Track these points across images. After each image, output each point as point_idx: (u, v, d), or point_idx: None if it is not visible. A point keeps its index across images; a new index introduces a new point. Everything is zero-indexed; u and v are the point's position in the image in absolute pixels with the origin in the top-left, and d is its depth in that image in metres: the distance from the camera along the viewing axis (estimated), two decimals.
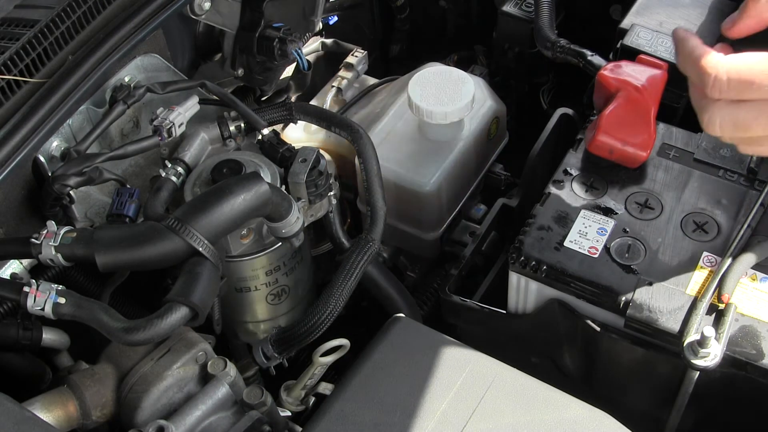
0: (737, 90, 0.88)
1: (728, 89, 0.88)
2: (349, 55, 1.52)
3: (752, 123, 0.89)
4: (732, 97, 0.89)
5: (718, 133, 0.91)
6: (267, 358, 1.11)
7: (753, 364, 1.04)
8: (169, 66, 1.23)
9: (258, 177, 0.98)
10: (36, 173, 1.09)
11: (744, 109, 0.89)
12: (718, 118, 0.90)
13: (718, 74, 0.88)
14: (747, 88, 0.88)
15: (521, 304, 1.22)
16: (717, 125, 0.90)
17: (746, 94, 0.88)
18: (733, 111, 0.89)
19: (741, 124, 0.90)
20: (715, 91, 0.89)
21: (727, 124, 0.90)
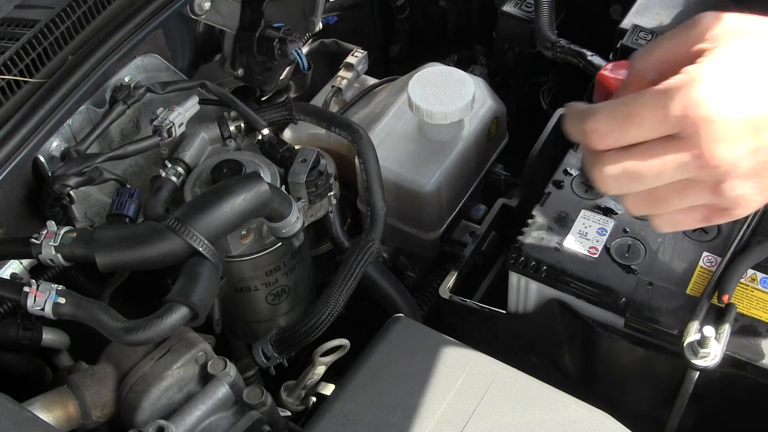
0: (617, 131, 0.79)
1: (607, 132, 0.79)
2: (349, 55, 1.52)
3: (643, 166, 0.79)
4: (615, 140, 0.79)
5: (611, 188, 0.81)
6: (267, 358, 1.11)
7: (753, 364, 1.04)
8: (169, 66, 1.23)
9: (258, 177, 0.98)
10: (36, 173, 1.09)
11: (634, 153, 0.80)
12: (606, 168, 0.80)
13: (593, 117, 0.80)
14: (627, 126, 0.79)
15: (521, 304, 1.22)
16: (607, 178, 0.80)
17: (627, 134, 0.79)
18: (621, 156, 0.80)
19: (631, 171, 0.79)
20: (596, 137, 0.79)
21: (616, 173, 0.80)
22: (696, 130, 0.77)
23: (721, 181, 0.79)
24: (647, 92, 0.80)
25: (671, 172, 0.79)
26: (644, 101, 0.79)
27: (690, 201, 0.83)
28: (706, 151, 0.77)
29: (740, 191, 0.80)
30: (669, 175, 0.79)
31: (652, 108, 0.78)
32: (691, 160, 0.77)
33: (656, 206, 0.84)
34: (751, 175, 0.80)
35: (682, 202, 0.83)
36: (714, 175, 0.79)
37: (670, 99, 0.77)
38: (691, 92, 0.77)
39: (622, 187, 0.81)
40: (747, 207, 0.82)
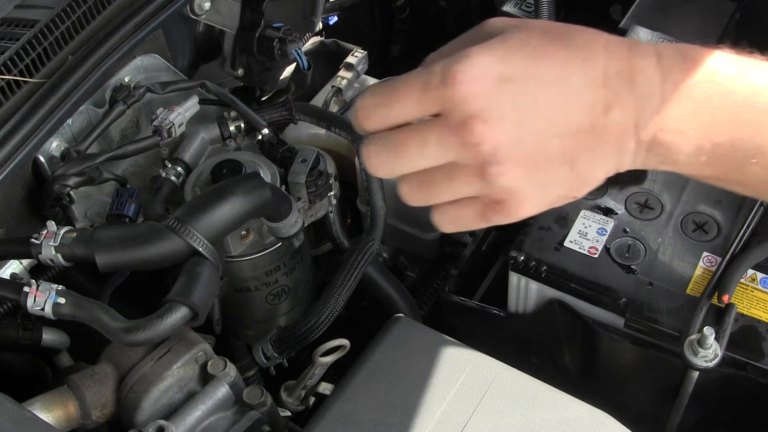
0: (383, 107, 0.77)
1: (374, 110, 0.77)
2: (349, 55, 1.52)
3: (405, 142, 0.77)
4: (382, 119, 0.77)
5: (378, 169, 0.78)
6: (267, 358, 1.11)
7: (753, 364, 1.04)
8: (169, 66, 1.23)
9: (258, 177, 0.98)
10: (36, 173, 1.09)
11: (397, 131, 0.77)
12: (372, 147, 0.77)
13: (361, 97, 0.77)
14: (392, 102, 0.76)
15: (521, 304, 1.22)
16: (373, 157, 0.77)
17: (392, 110, 0.77)
18: (386, 135, 0.77)
19: (394, 147, 0.77)
20: (364, 116, 0.77)
21: (381, 152, 0.77)
22: (455, 104, 0.74)
23: (486, 163, 0.76)
24: (413, 71, 0.78)
25: (434, 148, 0.76)
26: (408, 77, 0.77)
27: (459, 188, 0.79)
28: (466, 126, 0.74)
29: (508, 180, 0.77)
30: (432, 153, 0.77)
31: (414, 82, 0.76)
32: (451, 136, 0.75)
33: (427, 193, 0.81)
34: (519, 164, 0.77)
35: (451, 189, 0.80)
36: (478, 156, 0.76)
37: (430, 73, 0.75)
38: (452, 67, 0.75)
39: (386, 165, 0.78)
40: (521, 204, 0.79)
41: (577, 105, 0.75)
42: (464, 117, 0.74)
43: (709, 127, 0.75)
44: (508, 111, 0.75)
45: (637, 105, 0.75)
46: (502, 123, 0.75)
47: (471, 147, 0.75)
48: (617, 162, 0.77)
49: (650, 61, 0.76)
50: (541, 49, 0.75)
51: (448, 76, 0.75)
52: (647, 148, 0.77)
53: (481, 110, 0.74)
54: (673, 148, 0.76)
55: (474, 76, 0.74)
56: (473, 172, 0.77)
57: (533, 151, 0.76)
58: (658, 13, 1.39)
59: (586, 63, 0.75)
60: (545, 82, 0.75)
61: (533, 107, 0.75)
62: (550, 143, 0.76)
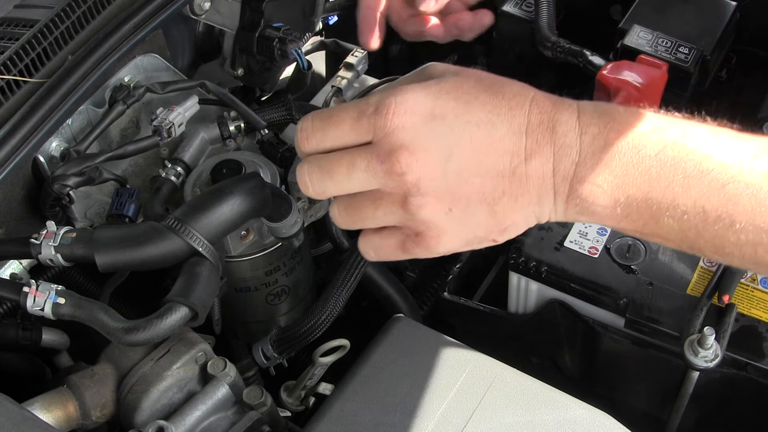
0: (320, 130, 0.82)
1: (312, 132, 0.82)
2: (349, 55, 1.52)
3: (335, 164, 0.81)
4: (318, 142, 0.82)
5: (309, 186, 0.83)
6: (267, 359, 1.11)
7: (753, 365, 1.04)
8: (169, 66, 1.23)
9: (258, 177, 0.98)
10: (36, 173, 1.09)
11: (331, 154, 0.82)
12: (306, 165, 0.82)
13: (303, 119, 0.83)
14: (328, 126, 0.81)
15: (521, 305, 1.22)
16: (305, 174, 0.82)
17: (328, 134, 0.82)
18: (320, 157, 0.82)
19: (325, 168, 0.81)
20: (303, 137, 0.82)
21: (313, 171, 0.82)
22: (385, 133, 0.79)
23: (409, 194, 0.80)
24: (355, 100, 0.86)
25: (361, 173, 0.80)
26: (346, 105, 0.82)
27: (382, 215, 0.83)
28: (393, 154, 0.78)
29: (428, 213, 0.81)
30: (359, 177, 0.81)
31: (351, 110, 0.81)
32: (378, 163, 0.79)
33: (354, 217, 0.85)
34: (440, 198, 0.80)
35: (375, 216, 0.84)
36: (401, 185, 0.80)
37: (366, 103, 0.80)
38: (386, 99, 0.79)
39: (317, 185, 0.82)
40: (439, 239, 0.83)
41: (500, 150, 0.78)
42: (392, 146, 0.79)
43: (623, 180, 0.78)
44: (434, 146, 0.79)
45: (556, 156, 0.79)
46: (428, 157, 0.79)
47: (396, 176, 0.79)
48: (537, 210, 0.81)
49: (571, 115, 0.79)
50: (473, 93, 0.79)
51: (382, 106, 0.79)
52: (565, 199, 0.80)
53: (409, 142, 0.78)
54: (589, 199, 0.79)
55: (406, 109, 0.78)
56: (396, 200, 0.81)
57: (455, 188, 0.80)
58: (658, 13, 1.39)
59: (512, 111, 0.78)
60: (472, 124, 0.78)
61: (459, 146, 0.78)
62: (471, 182, 0.79)
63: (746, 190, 0.76)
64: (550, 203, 0.81)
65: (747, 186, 0.76)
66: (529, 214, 0.82)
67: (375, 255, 0.89)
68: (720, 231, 0.77)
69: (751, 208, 0.76)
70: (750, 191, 0.76)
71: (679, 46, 1.31)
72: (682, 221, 0.78)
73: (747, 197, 0.76)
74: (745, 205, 0.76)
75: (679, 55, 1.30)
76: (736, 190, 0.76)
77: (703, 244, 0.79)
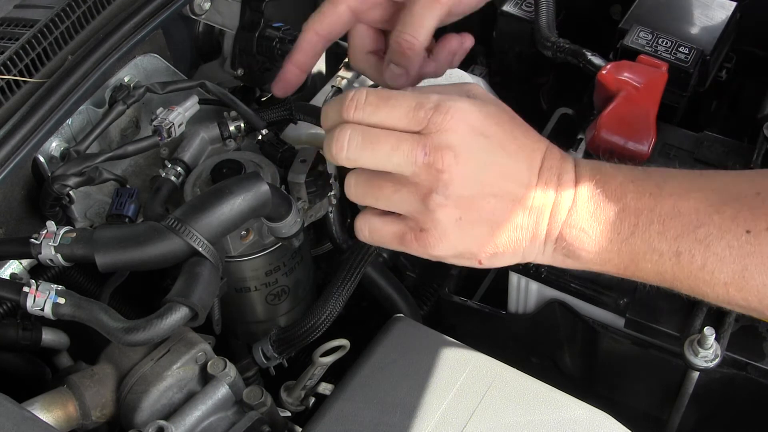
0: (373, 105, 0.85)
1: (365, 104, 0.86)
2: None
3: (380, 140, 0.85)
4: (368, 114, 0.86)
5: (345, 149, 0.86)
6: (267, 359, 1.11)
7: (753, 364, 1.05)
8: (168, 66, 1.23)
9: (258, 177, 0.98)
10: (36, 173, 1.09)
11: (377, 129, 0.86)
12: (349, 130, 0.86)
13: (358, 90, 0.87)
14: (383, 104, 0.85)
15: (521, 305, 1.22)
16: (346, 138, 0.86)
17: (381, 111, 0.86)
18: (365, 128, 0.86)
19: (368, 139, 0.85)
20: (352, 106, 0.86)
21: (354, 138, 0.86)
22: (438, 130, 0.85)
23: (435, 191, 0.86)
24: (413, 91, 0.90)
25: (402, 156, 0.85)
26: (406, 93, 0.88)
27: (399, 200, 0.88)
28: (439, 151, 0.84)
29: (442, 215, 0.87)
30: (398, 159, 0.85)
31: (411, 99, 0.86)
32: (422, 153, 0.84)
33: (369, 192, 0.90)
34: (458, 206, 0.86)
35: (391, 198, 0.89)
36: (434, 181, 0.85)
37: (428, 98, 0.86)
38: (447, 102, 0.85)
39: (354, 151, 0.86)
40: (439, 241, 0.88)
41: (518, 180, 0.87)
42: (441, 144, 0.84)
43: (606, 227, 0.86)
44: (474, 158, 0.85)
45: (556, 200, 0.87)
46: (467, 165, 0.85)
47: (434, 170, 0.85)
48: (527, 246, 0.89)
49: (572, 169, 0.88)
50: (510, 126, 0.88)
51: (443, 106, 0.85)
52: (554, 241, 0.88)
53: (457, 146, 0.84)
54: (576, 243, 0.87)
55: (462, 117, 0.85)
56: (420, 192, 0.87)
57: (473, 201, 0.86)
58: (658, 13, 1.39)
59: (534, 153, 0.88)
60: (505, 151, 0.87)
61: (491, 166, 0.86)
62: (488, 200, 0.87)
63: (716, 233, 0.82)
64: (540, 242, 0.89)
65: (718, 229, 0.82)
66: (518, 250, 0.89)
67: (369, 236, 0.93)
68: (694, 272, 0.84)
69: (721, 250, 0.82)
70: (719, 233, 0.82)
71: (679, 46, 1.31)
72: (659, 264, 0.85)
73: (717, 239, 0.82)
74: (716, 247, 0.82)
75: (679, 55, 1.30)
76: (707, 233, 0.83)
77: (679, 284, 0.87)
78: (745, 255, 0.83)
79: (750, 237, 0.82)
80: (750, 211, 0.83)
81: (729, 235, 0.82)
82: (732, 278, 0.83)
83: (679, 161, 1.22)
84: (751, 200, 0.83)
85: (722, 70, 1.41)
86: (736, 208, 0.83)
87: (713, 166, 1.21)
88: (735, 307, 0.86)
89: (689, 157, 1.23)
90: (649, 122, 1.20)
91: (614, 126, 1.20)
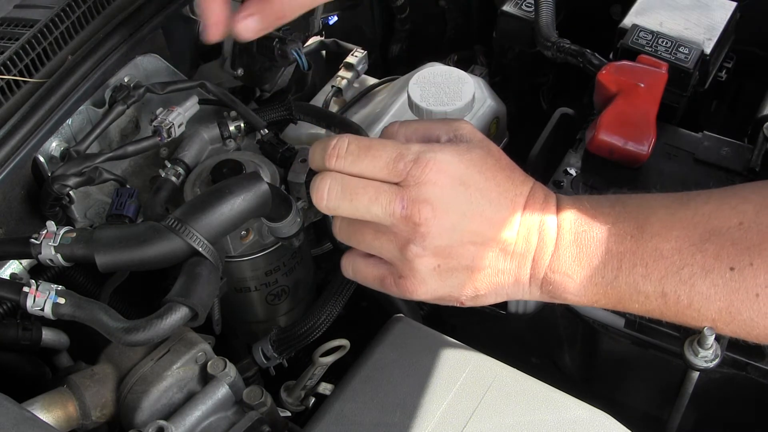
0: (354, 155, 0.87)
1: (346, 153, 0.87)
2: (349, 55, 1.52)
3: (359, 191, 0.87)
4: (348, 164, 0.87)
5: (324, 199, 0.89)
6: (267, 359, 1.11)
7: (753, 365, 1.05)
8: (168, 66, 1.23)
9: (258, 177, 0.98)
10: (36, 173, 1.09)
11: (357, 179, 0.88)
12: (329, 180, 0.88)
13: (341, 138, 0.88)
14: (364, 154, 0.87)
15: (521, 305, 1.22)
16: (326, 188, 0.88)
17: (361, 161, 0.87)
18: (345, 177, 0.88)
19: (348, 189, 0.87)
20: (333, 154, 0.88)
21: (334, 188, 0.88)
22: (416, 182, 0.86)
23: (412, 241, 0.87)
24: (393, 140, 0.92)
25: (380, 208, 0.87)
26: (386, 143, 0.89)
27: (378, 246, 0.91)
28: (417, 204, 0.86)
29: (420, 264, 0.89)
30: (376, 211, 0.87)
31: (391, 150, 0.87)
32: (400, 206, 0.86)
33: (352, 235, 0.93)
34: (436, 255, 0.88)
35: (372, 244, 0.91)
36: (411, 232, 0.87)
37: (408, 149, 0.87)
38: (427, 153, 0.86)
39: (334, 201, 0.89)
40: (418, 287, 0.92)
41: (498, 226, 0.88)
42: (419, 197, 0.86)
43: (590, 272, 0.88)
44: (453, 210, 0.87)
45: (539, 245, 0.88)
46: (445, 217, 0.86)
47: (411, 224, 0.86)
48: (511, 290, 0.91)
49: (554, 212, 0.90)
50: (493, 171, 0.89)
51: (422, 159, 0.86)
52: (539, 284, 0.90)
53: (435, 199, 0.86)
54: (561, 287, 0.89)
55: (441, 168, 0.86)
56: (398, 241, 0.89)
57: (451, 249, 0.88)
58: (658, 13, 1.39)
59: (517, 198, 0.89)
60: (486, 200, 0.88)
61: (471, 216, 0.87)
62: (467, 248, 0.88)
63: (700, 272, 0.83)
64: (525, 286, 0.91)
65: (701, 268, 0.83)
66: (501, 291, 0.92)
67: (353, 275, 0.99)
68: (681, 310, 0.87)
69: (706, 289, 0.84)
70: (703, 273, 0.83)
71: (679, 46, 1.31)
72: (645, 304, 0.87)
73: (701, 279, 0.83)
74: (700, 286, 0.83)
75: (679, 55, 1.30)
76: (691, 272, 0.84)
77: (668, 320, 0.89)
78: (731, 292, 0.83)
79: (734, 274, 0.83)
80: (733, 246, 0.83)
81: (713, 274, 0.83)
82: (719, 315, 0.84)
83: (679, 161, 1.22)
84: (734, 232, 0.83)
85: (722, 70, 1.41)
86: (718, 244, 0.83)
87: (713, 166, 1.21)
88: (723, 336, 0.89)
89: (689, 157, 1.23)
90: (649, 122, 1.20)
91: (614, 126, 1.20)
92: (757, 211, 0.84)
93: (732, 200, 0.87)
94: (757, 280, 0.82)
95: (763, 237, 0.82)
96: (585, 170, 1.22)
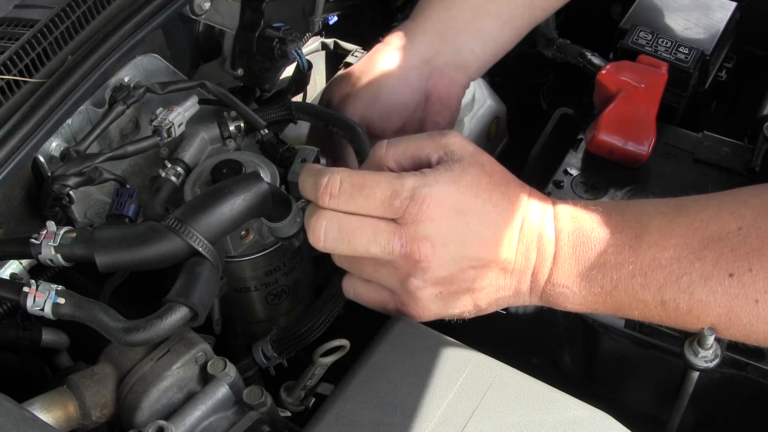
0: (348, 194, 0.86)
1: (339, 192, 0.86)
2: (349, 55, 1.52)
3: (357, 231, 0.86)
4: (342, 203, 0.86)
5: (321, 240, 0.88)
6: (267, 359, 1.11)
7: (753, 365, 1.04)
8: (169, 66, 1.23)
9: (258, 177, 0.98)
10: (36, 173, 1.09)
11: (353, 218, 0.86)
12: (325, 221, 0.87)
13: (332, 176, 0.86)
14: (357, 193, 0.85)
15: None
16: (322, 229, 0.87)
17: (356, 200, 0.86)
18: (341, 217, 0.86)
19: (345, 230, 0.86)
20: (326, 193, 0.86)
21: (331, 229, 0.87)
22: (413, 221, 0.85)
23: (413, 275, 0.88)
24: (386, 174, 0.89)
25: (379, 247, 0.86)
26: (380, 179, 0.87)
27: (380, 277, 0.91)
28: (416, 242, 0.85)
29: (422, 294, 0.90)
30: (375, 250, 0.87)
31: (385, 187, 0.86)
32: (399, 245, 0.86)
33: (353, 267, 0.94)
34: (438, 284, 0.89)
35: (373, 274, 0.92)
36: (412, 268, 0.87)
37: (402, 185, 0.86)
38: (422, 189, 0.85)
39: (331, 242, 0.88)
40: (422, 313, 0.92)
41: (497, 248, 0.88)
42: (417, 234, 0.85)
43: (589, 282, 0.88)
44: (452, 241, 0.87)
45: (538, 260, 0.89)
46: (444, 250, 0.86)
47: (411, 260, 0.87)
48: (512, 301, 0.92)
49: (551, 223, 0.90)
50: (488, 191, 0.88)
51: (418, 195, 0.85)
52: (539, 295, 0.91)
53: (433, 235, 0.85)
54: (561, 298, 0.90)
55: (439, 202, 0.85)
56: (399, 275, 0.89)
57: (452, 277, 0.88)
58: (658, 13, 1.39)
59: (513, 215, 0.89)
60: (485, 223, 0.87)
61: (470, 242, 0.87)
62: (467, 273, 0.88)
63: (699, 280, 0.83)
64: (525, 296, 0.92)
65: (700, 276, 0.83)
66: (502, 303, 0.93)
67: (354, 296, 0.99)
68: (681, 317, 0.87)
69: (705, 296, 0.84)
70: (702, 280, 0.83)
71: (679, 46, 1.31)
72: (645, 311, 0.88)
73: (700, 287, 0.83)
74: (699, 294, 0.84)
75: (679, 55, 1.30)
76: (690, 281, 0.84)
77: (668, 326, 0.90)
78: (730, 298, 0.83)
79: (733, 280, 0.82)
80: (732, 252, 0.83)
81: (712, 281, 0.83)
82: (719, 320, 0.84)
83: (679, 161, 1.22)
84: (733, 238, 0.83)
85: (722, 70, 1.41)
86: (717, 251, 0.83)
87: (713, 166, 1.21)
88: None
89: (689, 157, 1.23)
90: (649, 122, 1.20)
91: (614, 126, 1.20)
92: (755, 216, 0.83)
93: (731, 205, 0.86)
94: (756, 286, 0.82)
95: (762, 242, 0.82)
96: (585, 170, 1.22)
